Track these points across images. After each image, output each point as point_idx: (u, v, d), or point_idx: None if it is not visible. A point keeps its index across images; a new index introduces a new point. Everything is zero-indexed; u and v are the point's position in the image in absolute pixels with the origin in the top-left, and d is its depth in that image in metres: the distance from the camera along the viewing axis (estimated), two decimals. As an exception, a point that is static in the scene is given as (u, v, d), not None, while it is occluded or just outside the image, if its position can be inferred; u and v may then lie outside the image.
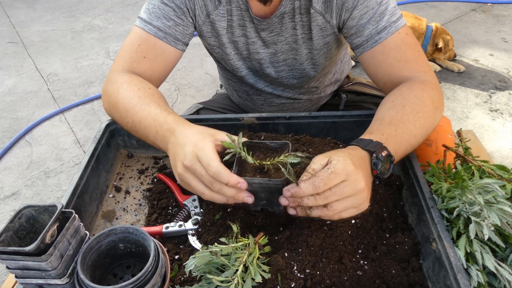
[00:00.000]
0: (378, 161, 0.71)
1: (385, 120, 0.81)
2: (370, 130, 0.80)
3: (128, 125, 0.89)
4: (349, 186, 0.65)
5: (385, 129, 0.78)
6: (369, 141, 0.74)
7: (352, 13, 0.93)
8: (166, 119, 0.81)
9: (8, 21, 4.25)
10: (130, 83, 0.92)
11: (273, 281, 0.67)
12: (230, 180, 0.67)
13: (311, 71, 1.11)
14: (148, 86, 0.93)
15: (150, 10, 0.99)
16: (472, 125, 2.56)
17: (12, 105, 2.99)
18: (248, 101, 1.30)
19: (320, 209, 0.66)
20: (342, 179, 0.65)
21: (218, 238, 0.77)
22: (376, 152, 0.72)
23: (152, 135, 0.83)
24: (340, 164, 0.66)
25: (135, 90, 0.90)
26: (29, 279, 0.65)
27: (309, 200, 0.66)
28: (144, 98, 0.88)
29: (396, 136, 0.77)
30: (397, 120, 0.80)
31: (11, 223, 0.64)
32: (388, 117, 0.81)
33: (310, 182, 0.65)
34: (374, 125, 0.81)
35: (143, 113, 0.85)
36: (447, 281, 0.66)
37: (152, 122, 0.83)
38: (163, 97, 0.94)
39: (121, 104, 0.90)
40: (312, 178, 0.65)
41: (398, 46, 0.91)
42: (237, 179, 0.67)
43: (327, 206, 0.66)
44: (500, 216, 0.69)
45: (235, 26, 1.02)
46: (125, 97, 0.90)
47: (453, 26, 3.63)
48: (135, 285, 0.62)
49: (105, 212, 0.94)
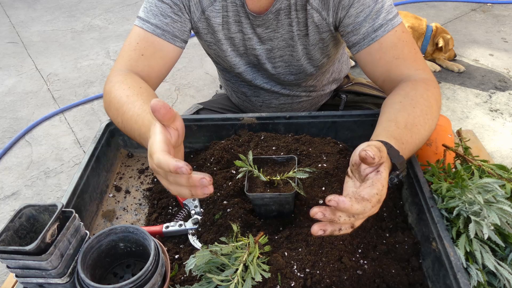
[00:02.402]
0: (396, 178, 0.68)
1: (400, 123, 0.77)
2: (392, 132, 0.75)
3: (119, 125, 0.89)
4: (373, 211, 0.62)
5: (404, 136, 0.75)
6: (396, 153, 0.69)
7: (349, 11, 0.93)
8: (144, 121, 0.77)
9: (8, 21, 4.25)
10: (123, 82, 0.91)
11: (273, 280, 0.67)
12: (170, 166, 0.58)
13: (308, 67, 1.11)
14: (139, 84, 0.91)
15: (148, 9, 0.99)
16: (472, 125, 2.56)
17: (12, 105, 2.99)
18: (246, 102, 1.30)
19: (348, 229, 0.61)
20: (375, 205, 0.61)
21: (218, 237, 0.77)
22: (400, 170, 0.68)
23: (137, 135, 0.81)
24: (384, 190, 0.62)
25: (125, 89, 0.89)
26: (29, 278, 0.65)
27: (345, 220, 0.59)
28: (132, 96, 0.86)
29: (411, 143, 0.76)
30: (411, 124, 0.78)
31: (11, 223, 0.64)
32: (401, 119, 0.78)
33: (363, 205, 0.58)
34: (391, 127, 0.77)
35: (129, 113, 0.83)
36: (447, 280, 0.66)
37: (135, 123, 0.80)
38: (155, 95, 0.91)
39: (113, 103, 0.89)
40: (364, 202, 0.59)
41: (395, 44, 0.91)
42: (175, 164, 0.57)
43: (353, 226, 0.62)
44: (500, 216, 0.69)
45: (231, 22, 1.03)
46: (115, 96, 0.89)
47: (453, 26, 3.63)
48: (136, 284, 0.62)
49: (105, 211, 0.94)
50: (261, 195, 0.77)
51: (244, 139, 0.99)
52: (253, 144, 0.98)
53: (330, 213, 0.58)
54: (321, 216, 0.58)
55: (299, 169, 0.78)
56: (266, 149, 0.95)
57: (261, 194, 0.77)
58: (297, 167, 0.80)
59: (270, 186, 0.79)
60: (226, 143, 0.98)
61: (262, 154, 0.93)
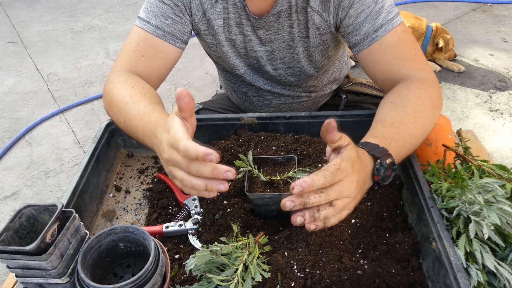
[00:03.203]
0: (381, 167, 0.70)
1: (387, 122, 0.80)
2: (373, 132, 0.78)
3: (121, 125, 0.89)
4: (345, 186, 0.62)
5: (388, 132, 0.77)
6: (375, 146, 0.72)
7: (349, 11, 0.93)
8: (151, 119, 0.79)
9: (8, 21, 4.26)
10: (125, 82, 0.92)
11: (273, 280, 0.67)
12: (198, 152, 0.57)
13: (309, 69, 1.11)
14: (142, 85, 0.92)
15: (148, 9, 0.99)
16: (472, 125, 2.56)
17: (12, 105, 2.99)
18: (247, 102, 1.30)
19: (327, 208, 0.61)
20: (341, 178, 0.62)
21: (218, 237, 0.77)
22: (381, 158, 0.70)
23: (140, 134, 0.81)
24: (344, 163, 0.62)
25: (128, 88, 0.89)
26: (29, 278, 0.65)
27: (315, 198, 0.59)
28: (136, 96, 0.86)
29: (398, 139, 0.77)
30: (398, 122, 0.79)
31: (11, 223, 0.64)
32: (389, 119, 0.81)
33: (321, 174, 0.59)
34: (376, 128, 0.80)
35: (132, 112, 0.84)
36: (446, 280, 0.66)
37: (140, 121, 0.81)
38: (157, 96, 0.92)
39: (115, 103, 0.90)
40: (322, 171, 0.60)
41: (395, 43, 0.92)
42: (205, 150, 0.57)
43: (332, 205, 0.61)
44: (500, 216, 0.69)
45: (232, 24, 1.03)
46: (118, 96, 0.89)
47: (453, 26, 3.63)
48: (136, 284, 0.62)
49: (105, 211, 0.94)
50: (261, 195, 0.77)
51: (244, 139, 0.99)
52: (253, 144, 0.98)
53: (298, 198, 0.59)
54: (291, 204, 0.59)
55: (299, 169, 0.78)
56: (266, 149, 0.95)
57: (261, 194, 0.77)
58: (297, 167, 0.80)
59: (270, 186, 0.79)
60: (226, 143, 0.98)
61: (262, 154, 0.93)
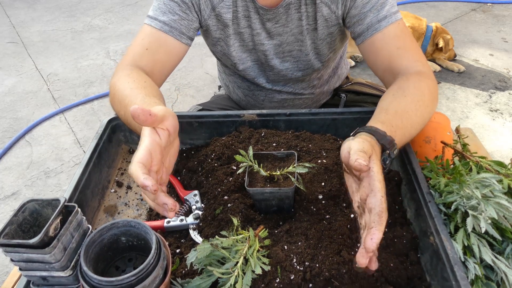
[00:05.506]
0: (388, 157, 0.71)
1: (390, 110, 0.81)
2: (380, 118, 0.78)
3: (122, 117, 0.90)
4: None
5: (393, 120, 0.78)
6: (383, 135, 0.72)
7: (356, 1, 0.96)
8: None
9: (8, 21, 4.26)
10: (128, 75, 0.92)
11: (273, 273, 0.68)
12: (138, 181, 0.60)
13: (316, 62, 1.13)
14: (144, 79, 0.92)
15: (156, 7, 1.01)
16: (472, 125, 2.56)
17: (12, 105, 3.00)
18: (249, 96, 1.30)
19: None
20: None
21: (219, 232, 0.78)
22: (389, 149, 0.71)
23: (138, 126, 0.80)
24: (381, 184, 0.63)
25: (130, 82, 0.90)
26: (32, 271, 0.65)
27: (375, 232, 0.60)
28: (136, 89, 0.87)
29: (402, 128, 0.78)
30: (401, 111, 0.81)
31: (15, 217, 0.65)
32: (392, 108, 0.82)
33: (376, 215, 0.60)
34: (381, 114, 0.80)
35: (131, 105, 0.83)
36: (444, 273, 0.67)
37: None
38: (158, 90, 0.93)
39: (117, 96, 0.90)
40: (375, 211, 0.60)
41: (397, 35, 0.94)
42: (142, 181, 0.59)
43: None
44: (497, 210, 0.70)
45: (240, 17, 1.04)
46: (119, 89, 0.90)
47: (453, 26, 3.64)
48: (137, 277, 0.62)
49: (107, 206, 0.94)
50: (261, 190, 0.77)
51: (245, 136, 1.00)
52: (254, 140, 0.98)
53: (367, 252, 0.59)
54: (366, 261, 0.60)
55: (299, 164, 0.78)
56: (267, 146, 0.96)
57: (261, 189, 0.77)
58: (297, 163, 0.81)
59: (270, 181, 0.80)
60: (227, 140, 0.99)
61: (262, 150, 0.94)
